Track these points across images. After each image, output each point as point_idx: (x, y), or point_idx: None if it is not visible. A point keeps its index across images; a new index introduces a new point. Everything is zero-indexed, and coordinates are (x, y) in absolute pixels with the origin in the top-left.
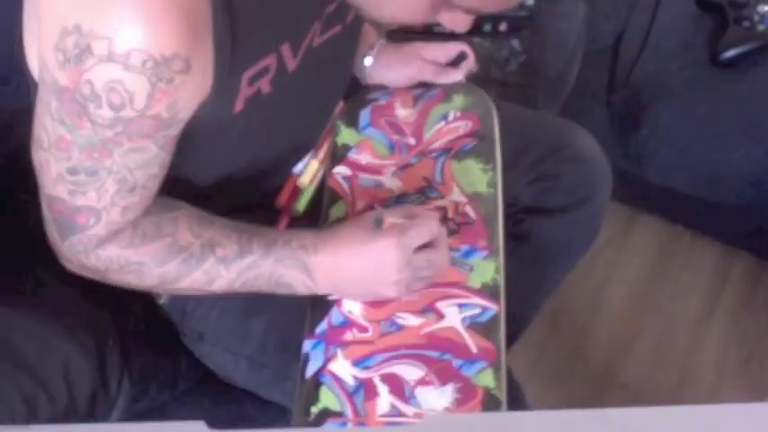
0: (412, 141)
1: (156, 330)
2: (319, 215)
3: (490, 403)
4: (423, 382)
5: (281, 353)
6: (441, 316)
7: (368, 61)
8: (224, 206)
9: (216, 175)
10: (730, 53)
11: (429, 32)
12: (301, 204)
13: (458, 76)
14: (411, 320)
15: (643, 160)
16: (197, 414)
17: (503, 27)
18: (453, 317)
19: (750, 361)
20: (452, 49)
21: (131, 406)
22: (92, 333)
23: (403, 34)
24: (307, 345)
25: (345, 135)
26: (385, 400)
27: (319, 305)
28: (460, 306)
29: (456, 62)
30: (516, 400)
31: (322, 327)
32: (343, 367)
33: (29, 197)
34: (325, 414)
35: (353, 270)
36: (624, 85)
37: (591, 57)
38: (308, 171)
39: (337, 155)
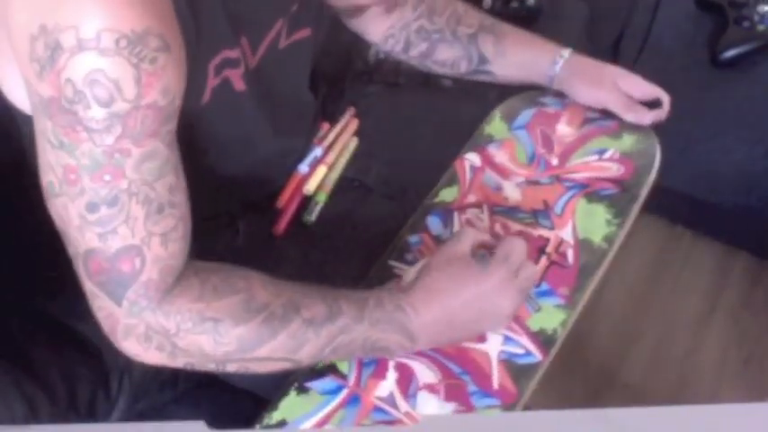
0: (554, 161)
1: None
2: (334, 228)
3: None
4: (430, 388)
5: None
6: (482, 338)
7: (558, 67)
8: (224, 208)
9: (205, 176)
10: (730, 53)
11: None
12: (313, 214)
13: (647, 119)
14: None
15: None
16: (197, 414)
17: None
18: (493, 345)
19: (750, 361)
20: (652, 90)
21: (132, 406)
22: (92, 332)
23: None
24: None
25: (495, 126)
26: (389, 385)
27: (379, 270)
28: (506, 339)
29: (647, 104)
30: None
31: None
32: None
33: (32, 197)
34: (332, 370)
35: (464, 317)
36: None
37: (591, 57)
38: (315, 176)
39: (477, 141)
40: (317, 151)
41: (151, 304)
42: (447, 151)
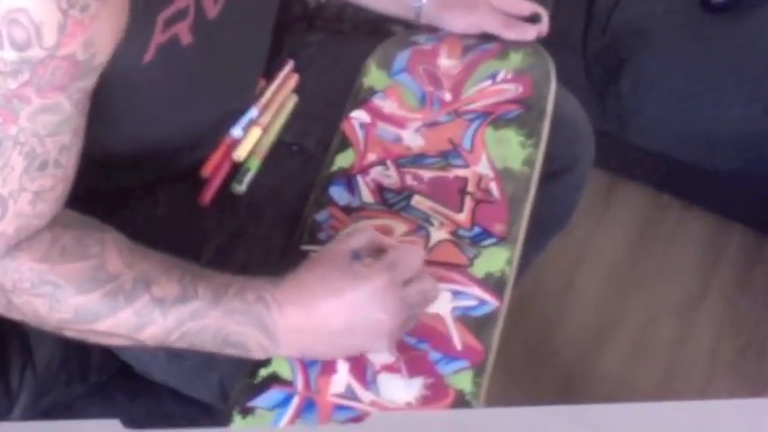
0: (447, 97)
1: None
2: (267, 199)
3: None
4: (389, 368)
5: None
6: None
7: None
8: (147, 177)
9: (135, 140)
10: None
11: None
12: (244, 183)
13: (530, 34)
14: None
15: (624, 119)
16: (111, 412)
17: None
18: (443, 304)
19: (746, 350)
20: (526, 5)
21: (36, 402)
22: None
23: None
24: None
25: (374, 77)
26: (342, 378)
27: (294, 259)
28: (455, 294)
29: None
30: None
31: None
32: None
33: None
34: (273, 380)
35: (333, 326)
36: (602, 33)
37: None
38: (247, 141)
39: (359, 97)
40: (253, 112)
41: None
42: None
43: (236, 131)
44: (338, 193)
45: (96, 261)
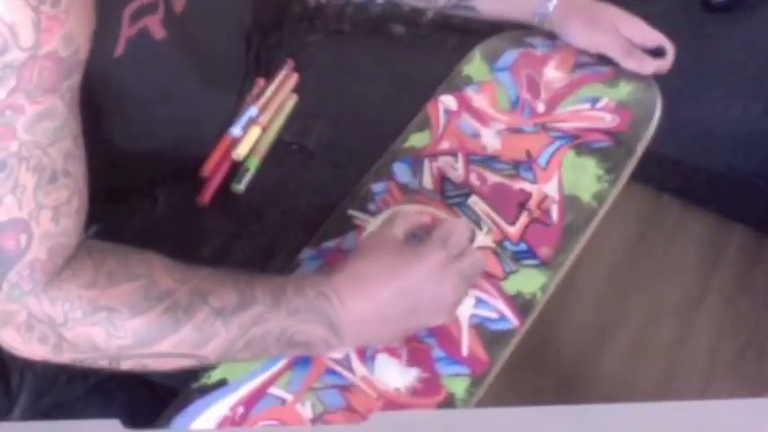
0: (540, 108)
1: None
2: (267, 199)
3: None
4: (390, 351)
5: None
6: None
7: (552, 5)
8: (145, 176)
9: (125, 138)
10: None
11: None
12: (243, 182)
13: (649, 68)
14: None
15: None
16: (111, 411)
17: None
18: (464, 308)
19: (746, 350)
20: (655, 35)
21: (36, 402)
22: None
23: None
24: (305, 252)
25: (475, 67)
26: None
27: (337, 220)
28: (479, 301)
29: (650, 53)
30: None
31: (329, 244)
32: None
33: None
34: None
35: (398, 311)
36: None
37: None
38: (246, 140)
39: (454, 83)
40: (252, 111)
41: (36, 288)
42: (400, 110)
43: (236, 130)
44: (401, 171)
45: (146, 281)
